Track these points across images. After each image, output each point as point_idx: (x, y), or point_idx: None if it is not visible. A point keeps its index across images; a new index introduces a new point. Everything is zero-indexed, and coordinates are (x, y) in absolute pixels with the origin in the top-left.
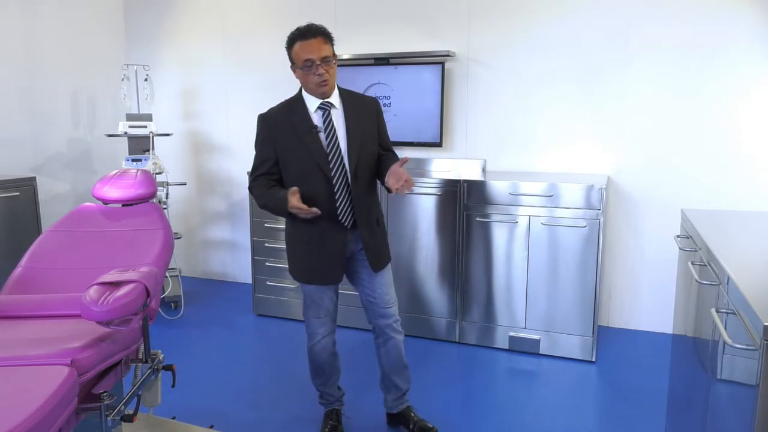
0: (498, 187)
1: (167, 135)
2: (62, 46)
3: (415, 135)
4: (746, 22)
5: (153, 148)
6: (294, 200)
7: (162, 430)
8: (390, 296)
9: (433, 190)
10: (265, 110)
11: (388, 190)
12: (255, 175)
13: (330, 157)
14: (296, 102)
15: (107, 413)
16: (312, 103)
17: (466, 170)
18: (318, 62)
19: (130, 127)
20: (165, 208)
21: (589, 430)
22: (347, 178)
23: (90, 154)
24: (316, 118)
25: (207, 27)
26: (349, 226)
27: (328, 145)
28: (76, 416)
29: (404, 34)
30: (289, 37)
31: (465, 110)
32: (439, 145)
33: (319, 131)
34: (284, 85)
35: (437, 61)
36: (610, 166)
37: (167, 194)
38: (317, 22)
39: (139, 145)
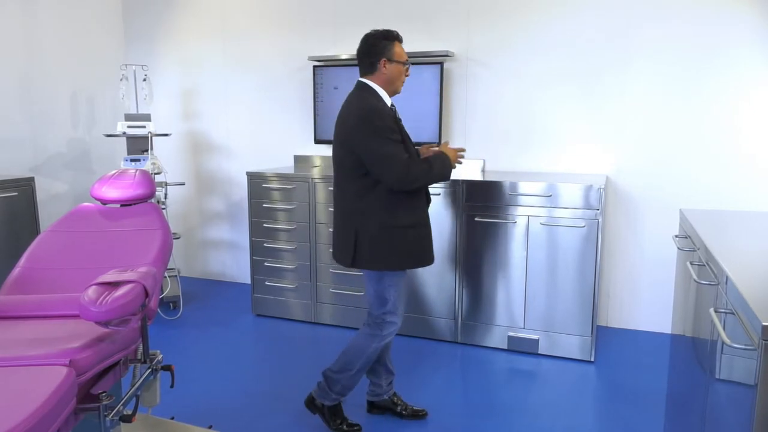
0: (497, 187)
1: (166, 135)
2: (61, 47)
3: (414, 135)
4: (746, 22)
5: (152, 148)
6: (451, 149)
7: (161, 430)
8: None
9: (432, 190)
10: (264, 111)
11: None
12: (405, 158)
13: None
14: (379, 97)
15: (106, 413)
16: (387, 100)
17: (466, 170)
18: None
19: (129, 127)
20: (164, 209)
21: (588, 430)
22: None
23: (89, 154)
24: (394, 113)
25: (206, 27)
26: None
27: (409, 138)
28: (74, 416)
29: (403, 34)
30: (385, 34)
31: (464, 110)
32: (438, 145)
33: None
34: (284, 85)
35: (436, 61)
36: (610, 166)
37: (166, 194)
38: (317, 21)
39: (138, 145)
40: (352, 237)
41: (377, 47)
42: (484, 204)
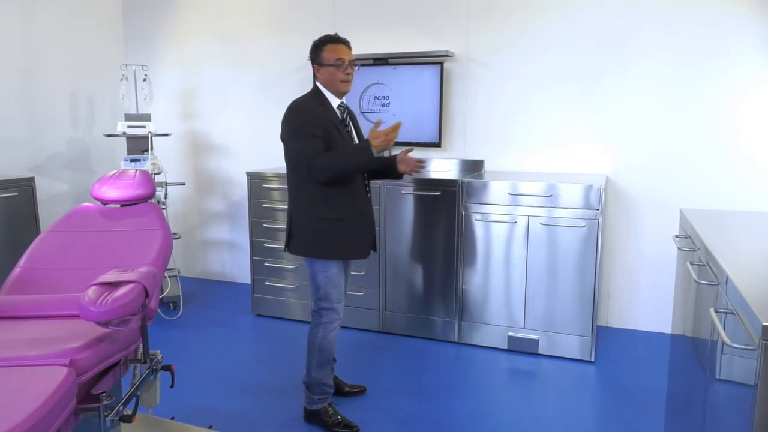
0: (497, 187)
1: (166, 135)
2: (61, 47)
3: (414, 135)
4: (746, 23)
5: (152, 149)
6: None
7: (161, 430)
8: None
9: (432, 190)
10: (263, 110)
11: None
12: (314, 152)
13: None
14: (321, 97)
15: (106, 414)
16: (333, 100)
17: (465, 170)
18: (347, 63)
19: (129, 127)
20: (164, 209)
21: (588, 430)
22: None
23: (89, 155)
24: (339, 114)
25: (206, 27)
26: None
27: (350, 138)
28: (74, 417)
29: (403, 34)
30: (319, 40)
31: (464, 110)
32: (437, 145)
33: (345, 125)
34: (283, 85)
35: (436, 61)
36: (609, 166)
37: (166, 194)
38: (317, 22)
39: (138, 146)
40: (288, 223)
41: (312, 54)
42: (483, 204)
